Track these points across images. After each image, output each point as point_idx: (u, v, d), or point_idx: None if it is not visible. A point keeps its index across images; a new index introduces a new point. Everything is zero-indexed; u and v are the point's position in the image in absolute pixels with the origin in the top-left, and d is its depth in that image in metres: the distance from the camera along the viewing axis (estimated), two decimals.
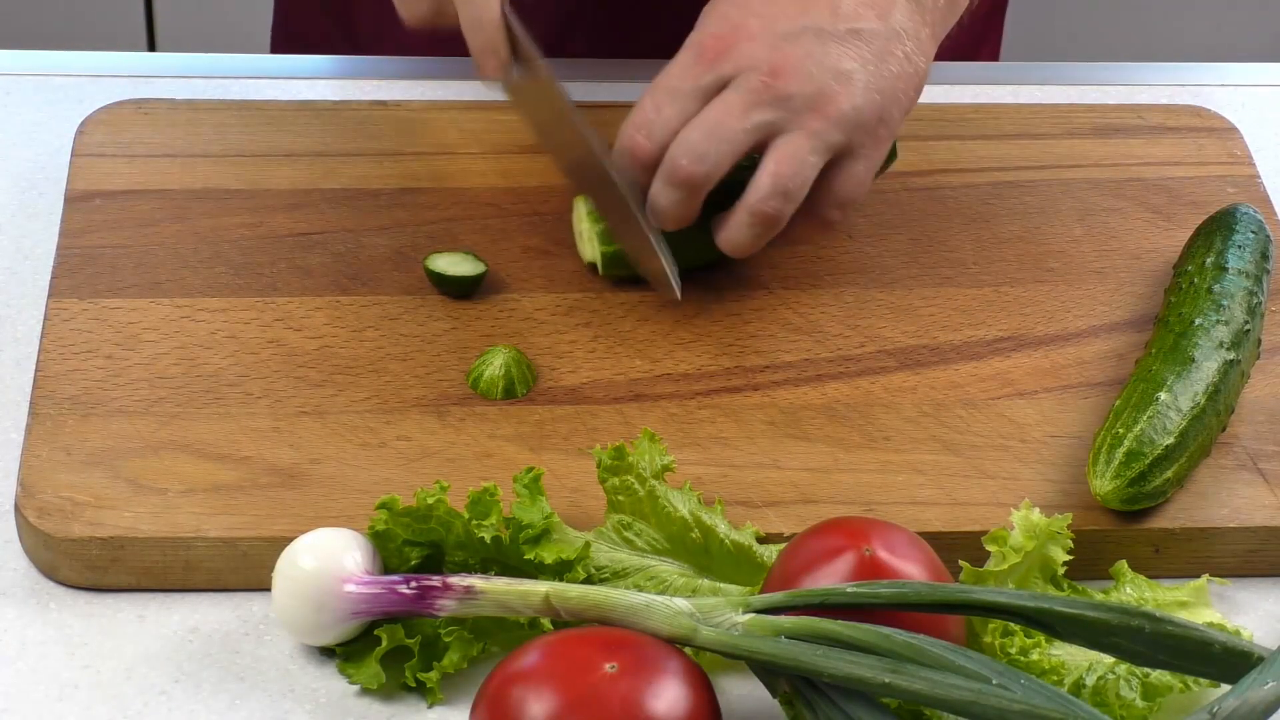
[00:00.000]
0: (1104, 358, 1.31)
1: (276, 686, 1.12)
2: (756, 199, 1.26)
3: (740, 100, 1.25)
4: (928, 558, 1.10)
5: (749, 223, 1.27)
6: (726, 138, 1.25)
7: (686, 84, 1.27)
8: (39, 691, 1.11)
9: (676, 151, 1.26)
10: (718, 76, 1.26)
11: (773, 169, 1.25)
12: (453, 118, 1.46)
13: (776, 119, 1.25)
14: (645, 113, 1.27)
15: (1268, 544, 1.21)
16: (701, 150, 1.25)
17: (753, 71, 1.25)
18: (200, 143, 1.42)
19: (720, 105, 1.26)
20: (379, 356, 1.28)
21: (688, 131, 1.26)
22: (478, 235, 1.36)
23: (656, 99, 1.27)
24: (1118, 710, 1.09)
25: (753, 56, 1.25)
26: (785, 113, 1.25)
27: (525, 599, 1.08)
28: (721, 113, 1.25)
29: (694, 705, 1.03)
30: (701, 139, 1.25)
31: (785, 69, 1.25)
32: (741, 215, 1.27)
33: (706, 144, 1.25)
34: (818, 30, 1.26)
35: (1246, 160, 1.47)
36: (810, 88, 1.25)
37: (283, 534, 1.14)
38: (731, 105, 1.25)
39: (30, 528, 1.16)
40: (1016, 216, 1.42)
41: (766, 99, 1.25)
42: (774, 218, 1.26)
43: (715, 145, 1.25)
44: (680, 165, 1.25)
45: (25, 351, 1.29)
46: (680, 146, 1.26)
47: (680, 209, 1.27)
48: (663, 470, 1.16)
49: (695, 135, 1.25)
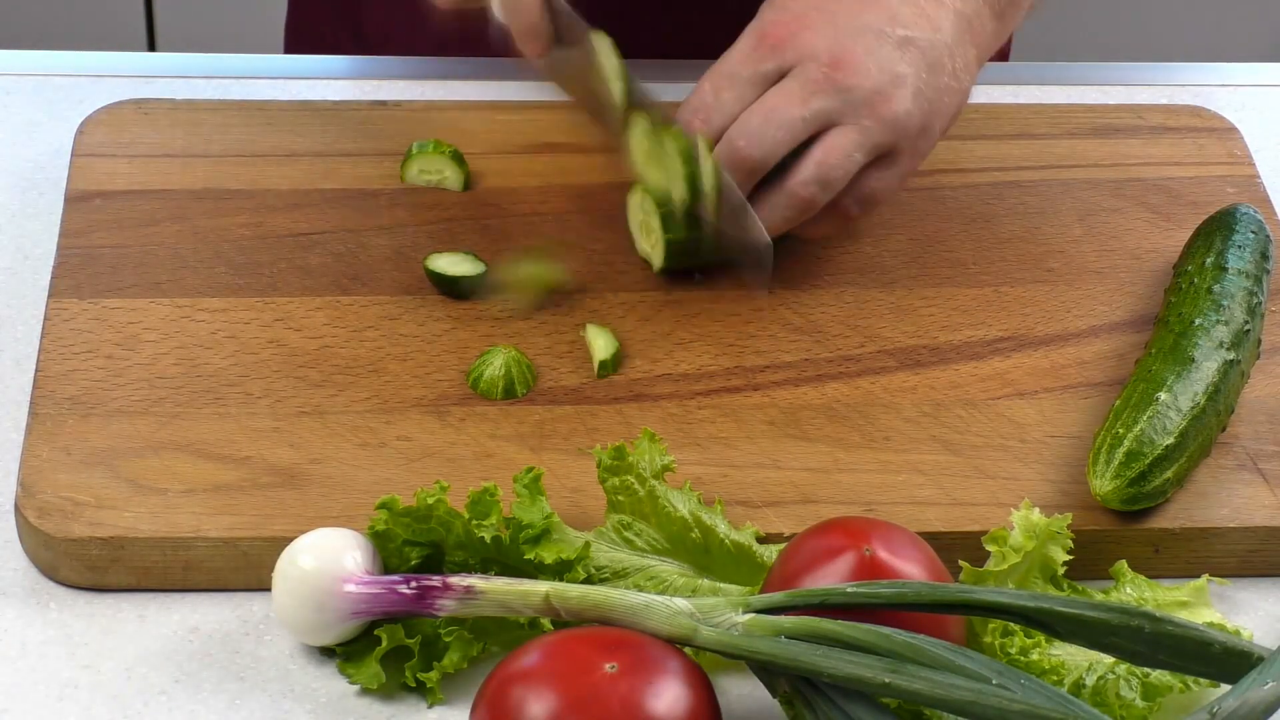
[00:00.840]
0: (1104, 358, 1.31)
1: (276, 686, 1.12)
2: (798, 182, 1.27)
3: (800, 88, 1.26)
4: (928, 558, 1.10)
5: (785, 204, 1.28)
6: (784, 124, 1.26)
7: (746, 70, 1.28)
8: (39, 691, 1.11)
9: (735, 134, 1.27)
10: (778, 64, 1.27)
11: (819, 157, 1.26)
12: (453, 118, 1.46)
13: (833, 110, 1.26)
14: (703, 96, 1.29)
15: (1268, 544, 1.21)
16: (760, 135, 1.26)
17: (813, 61, 1.26)
18: (200, 143, 1.42)
19: (780, 92, 1.27)
20: (379, 356, 1.28)
21: (747, 116, 1.27)
22: (478, 235, 1.36)
23: (715, 83, 1.28)
24: (1118, 710, 1.09)
25: (814, 46, 1.27)
26: (842, 105, 1.26)
27: (525, 599, 1.08)
28: (781, 99, 1.26)
29: (694, 705, 1.03)
30: (760, 124, 1.26)
31: (846, 62, 1.26)
32: (780, 197, 1.28)
33: (765, 129, 1.26)
34: (877, 31, 1.27)
35: (1246, 160, 1.47)
36: (868, 84, 1.26)
37: (283, 534, 1.14)
38: (791, 93, 1.26)
39: (30, 528, 1.16)
40: (1016, 216, 1.42)
41: (827, 89, 1.26)
42: (810, 203, 1.28)
43: (773, 131, 1.26)
44: (738, 148, 1.26)
45: (25, 351, 1.29)
46: (739, 130, 1.27)
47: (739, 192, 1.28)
48: (663, 470, 1.16)
49: (755, 120, 1.26)
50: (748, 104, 1.27)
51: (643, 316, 1.32)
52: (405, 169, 1.40)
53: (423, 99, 1.48)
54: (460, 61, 1.55)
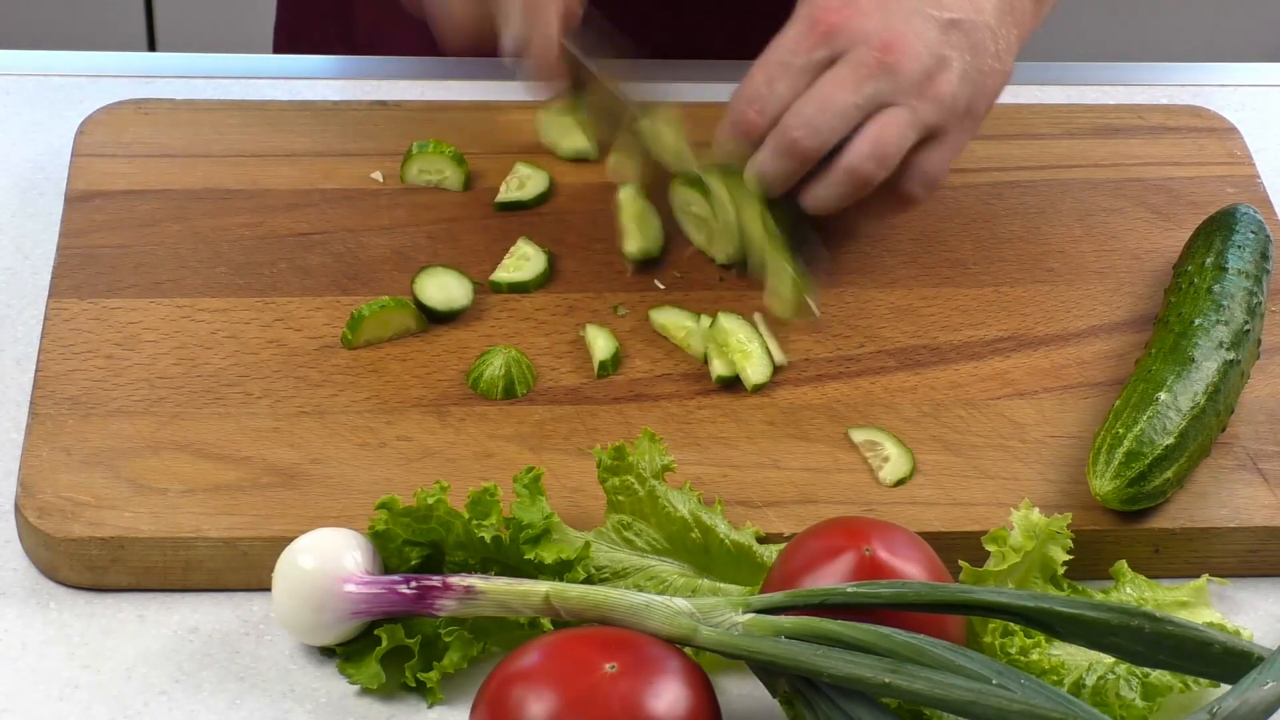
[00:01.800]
0: (1104, 358, 1.31)
1: (276, 686, 1.12)
2: (856, 159, 1.28)
3: (853, 75, 1.27)
4: (928, 558, 1.10)
5: (842, 181, 1.28)
6: (839, 111, 1.27)
7: (799, 58, 1.28)
8: (39, 691, 1.11)
9: (791, 123, 1.27)
10: (830, 51, 1.28)
11: (874, 134, 1.27)
12: (453, 118, 1.46)
13: (885, 94, 1.27)
14: (757, 86, 1.29)
15: (1268, 544, 1.21)
16: (816, 123, 1.27)
17: (864, 46, 1.27)
18: (200, 143, 1.42)
19: (833, 79, 1.27)
20: (379, 356, 1.28)
21: (802, 104, 1.27)
22: (477, 236, 1.36)
23: (769, 72, 1.29)
24: (1118, 710, 1.09)
25: (864, 31, 1.28)
26: (892, 89, 1.27)
27: (525, 599, 1.08)
28: (835, 86, 1.27)
29: (694, 705, 1.03)
30: (816, 112, 1.27)
31: (896, 46, 1.27)
32: (837, 174, 1.29)
33: (820, 117, 1.27)
34: (924, 14, 1.28)
35: (1246, 160, 1.47)
36: (918, 67, 1.27)
37: (283, 534, 1.14)
38: (844, 79, 1.27)
39: (30, 528, 1.16)
40: (1016, 216, 1.42)
41: (878, 74, 1.27)
42: (867, 180, 1.28)
43: (828, 119, 1.27)
44: (795, 137, 1.27)
45: (25, 351, 1.29)
46: (795, 118, 1.27)
47: (787, 180, 1.29)
48: (663, 470, 1.16)
49: (810, 108, 1.27)
50: (800, 92, 1.28)
51: (643, 316, 1.32)
52: (405, 169, 1.40)
53: (422, 99, 1.48)
54: (460, 62, 1.55)
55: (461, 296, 1.30)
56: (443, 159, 1.40)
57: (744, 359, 1.27)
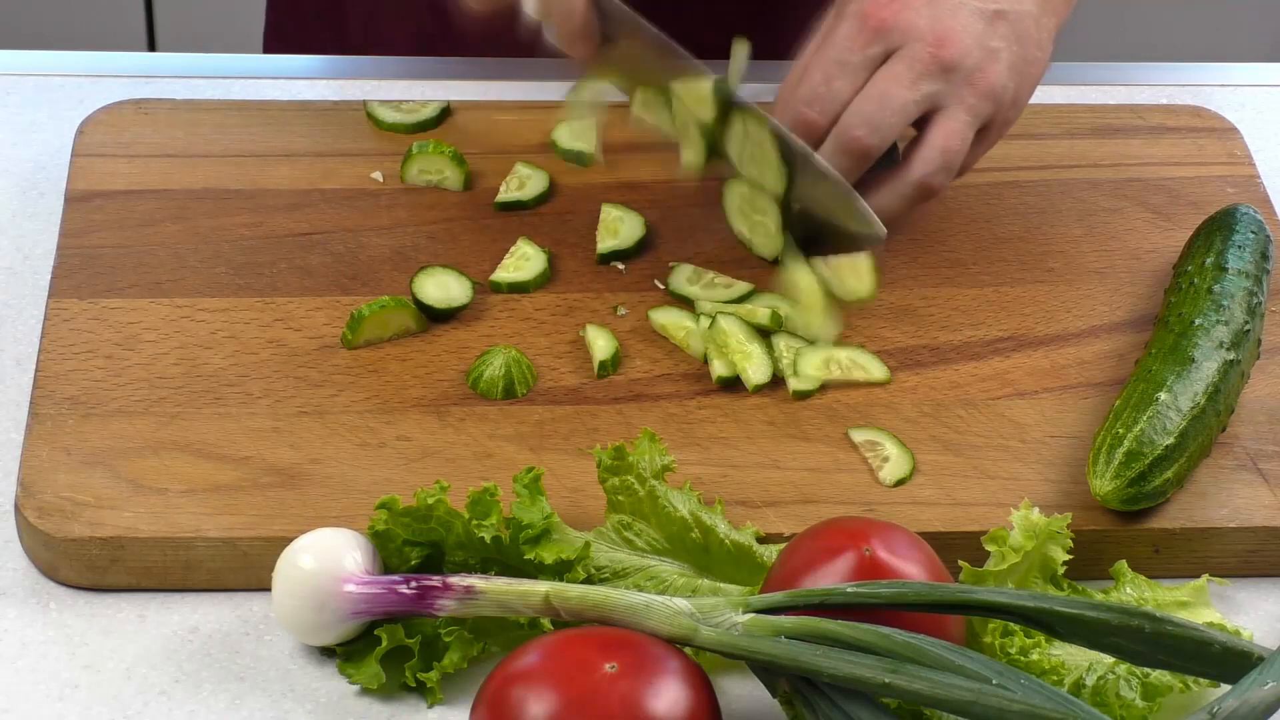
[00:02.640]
0: (1104, 358, 1.31)
1: (276, 686, 1.12)
2: (926, 172, 1.29)
3: (908, 71, 1.28)
4: (928, 558, 1.10)
5: (911, 194, 1.30)
6: (897, 109, 1.28)
7: (854, 55, 1.29)
8: (39, 691, 1.11)
9: (852, 122, 1.28)
10: (884, 47, 1.29)
11: (941, 144, 1.29)
12: (453, 118, 1.46)
13: (940, 90, 1.29)
14: (815, 86, 1.30)
15: (1268, 544, 1.21)
16: (876, 121, 1.28)
17: (918, 42, 1.28)
18: (200, 143, 1.42)
19: (889, 76, 1.28)
20: (379, 356, 1.28)
21: (861, 103, 1.29)
22: (477, 236, 1.36)
23: (826, 71, 1.30)
24: (1118, 710, 1.09)
25: (916, 26, 1.29)
26: (948, 84, 1.29)
27: (525, 599, 1.08)
28: (891, 83, 1.28)
29: (694, 705, 1.03)
30: (876, 110, 1.28)
31: (948, 40, 1.28)
32: (904, 186, 1.30)
33: (881, 115, 1.28)
34: (971, 7, 1.30)
35: (1246, 160, 1.47)
36: (969, 61, 1.29)
37: (283, 534, 1.14)
38: (900, 76, 1.28)
39: (30, 528, 1.16)
40: (1016, 216, 1.42)
41: (933, 69, 1.28)
42: (936, 191, 1.30)
43: (888, 116, 1.28)
44: (857, 136, 1.28)
45: (25, 351, 1.29)
46: (855, 117, 1.28)
47: (851, 179, 1.30)
48: (663, 470, 1.16)
49: (870, 106, 1.28)
50: (858, 89, 1.29)
51: (643, 316, 1.32)
52: (405, 169, 1.40)
53: (423, 99, 1.48)
54: (460, 61, 1.56)
55: (461, 296, 1.31)
56: (443, 159, 1.40)
57: (744, 359, 1.27)
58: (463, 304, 1.30)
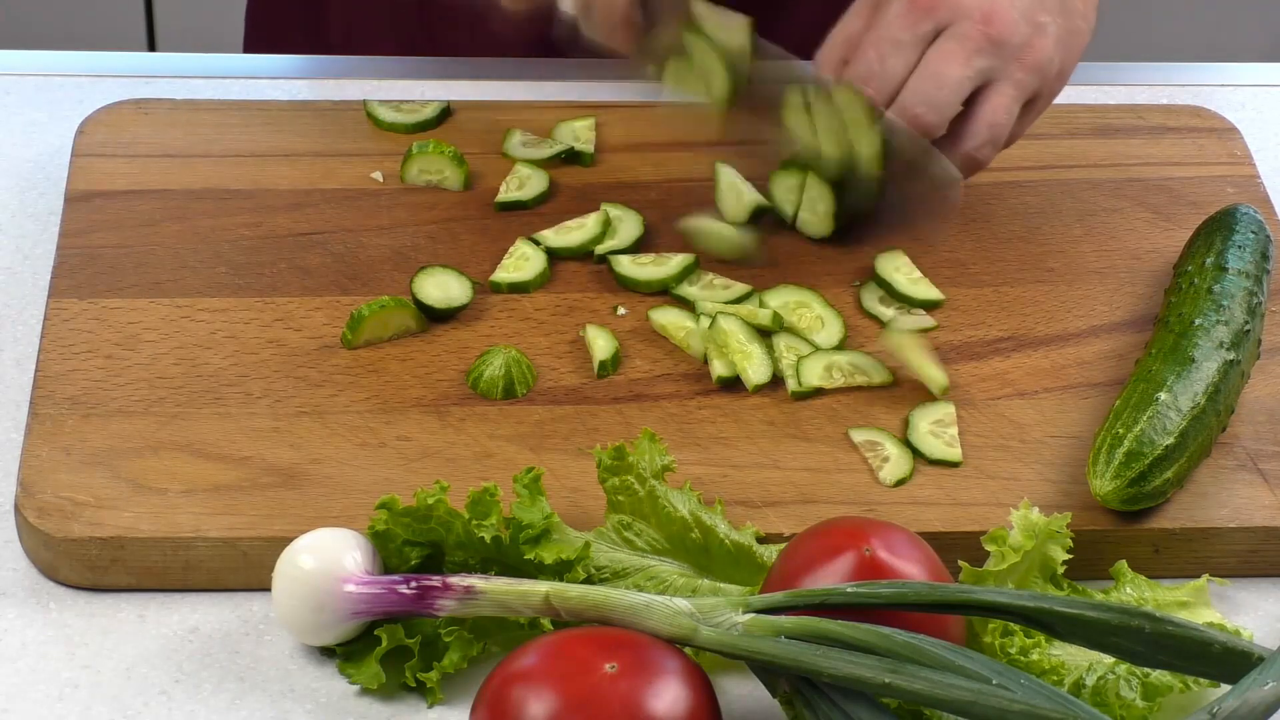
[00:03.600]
0: (1104, 358, 1.31)
1: (276, 686, 1.12)
2: (974, 145, 1.32)
3: (960, 48, 1.30)
4: (928, 558, 1.10)
5: (961, 166, 1.32)
6: (953, 86, 1.30)
7: (906, 34, 1.31)
8: (39, 691, 1.11)
9: (912, 101, 1.30)
10: (934, 24, 1.31)
11: (989, 118, 1.31)
12: (453, 118, 1.46)
13: (991, 65, 1.30)
14: (870, 64, 1.31)
15: (1268, 544, 1.21)
16: (934, 99, 1.30)
17: (967, 19, 1.30)
18: (200, 143, 1.42)
19: (941, 54, 1.30)
20: (379, 356, 1.28)
21: (918, 82, 1.30)
22: (477, 236, 1.36)
23: (880, 50, 1.31)
24: (1118, 710, 1.09)
25: (964, 4, 1.30)
26: (998, 60, 1.30)
27: (525, 599, 1.08)
28: (945, 61, 1.30)
29: (694, 705, 1.03)
30: (934, 89, 1.30)
31: (996, 16, 1.30)
32: (952, 158, 1.32)
33: (939, 94, 1.30)
34: None
35: (1246, 160, 1.47)
36: (1018, 36, 1.30)
37: (283, 534, 1.14)
38: (953, 54, 1.30)
39: (30, 528, 1.16)
40: (1016, 216, 1.42)
41: (984, 45, 1.30)
42: (983, 164, 1.32)
43: (945, 95, 1.30)
44: (918, 114, 1.30)
45: (25, 351, 1.29)
46: (914, 96, 1.30)
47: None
48: (663, 470, 1.16)
49: (928, 85, 1.30)
50: (912, 67, 1.31)
51: (642, 316, 1.32)
52: (405, 169, 1.40)
53: (422, 99, 1.48)
54: (460, 61, 1.56)
55: (461, 295, 1.31)
56: (443, 159, 1.40)
57: (744, 359, 1.27)
58: (463, 304, 1.30)
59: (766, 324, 1.29)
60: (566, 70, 1.51)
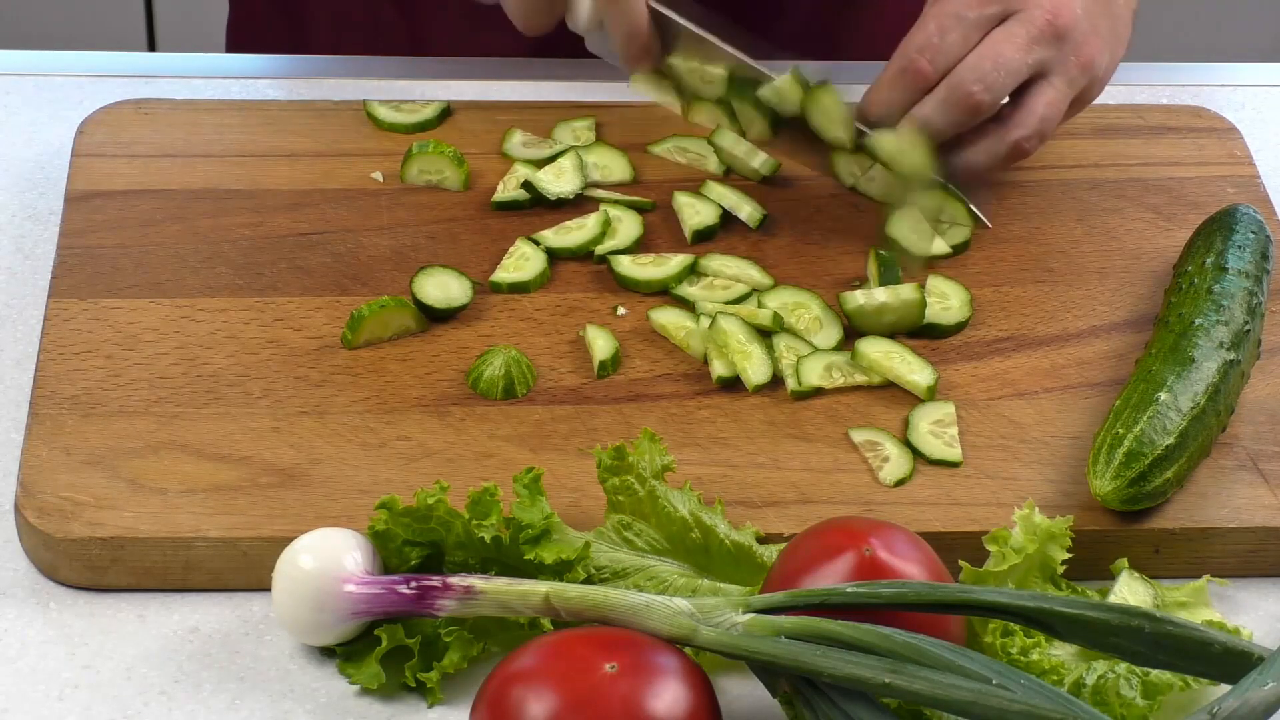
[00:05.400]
0: (1104, 358, 1.31)
1: (276, 686, 1.12)
2: (1021, 135, 1.32)
3: (1025, 34, 1.31)
4: (928, 558, 1.10)
5: (1005, 152, 1.33)
6: (1012, 70, 1.31)
7: (972, 12, 1.31)
8: (39, 691, 1.11)
9: (968, 78, 1.30)
10: (1003, 8, 1.31)
11: (1041, 111, 1.32)
12: (453, 118, 1.46)
13: (1050, 57, 1.32)
14: (929, 35, 1.32)
15: (1268, 544, 1.21)
16: (990, 79, 1.30)
17: (1036, 8, 1.31)
18: (200, 143, 1.42)
19: (1005, 36, 1.31)
20: (379, 356, 1.28)
21: (978, 60, 1.31)
22: (477, 236, 1.37)
23: (941, 24, 1.32)
24: (1118, 709, 1.09)
25: None
26: (1057, 52, 1.32)
27: (525, 599, 1.08)
28: (1007, 44, 1.30)
29: (694, 705, 1.03)
30: (992, 68, 1.30)
31: (1063, 10, 1.31)
32: (1000, 145, 1.33)
33: (996, 75, 1.30)
34: None
35: (1246, 160, 1.47)
36: (1078, 33, 1.32)
37: (283, 534, 1.14)
38: (1017, 37, 1.31)
39: (30, 528, 1.16)
40: (1016, 216, 1.42)
41: (1048, 36, 1.31)
42: (1027, 154, 1.33)
43: (1002, 76, 1.31)
44: (972, 91, 1.30)
45: (25, 351, 1.29)
46: (972, 73, 1.31)
47: (954, 130, 1.32)
48: (663, 470, 1.16)
49: (986, 64, 1.30)
50: (971, 45, 1.31)
51: (642, 316, 1.32)
52: (405, 169, 1.40)
53: (422, 99, 1.48)
54: (460, 61, 1.56)
55: (461, 296, 1.31)
56: (443, 159, 1.40)
57: (744, 359, 1.27)
58: (463, 304, 1.30)
59: (766, 324, 1.29)
60: (566, 70, 1.51)
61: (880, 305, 1.29)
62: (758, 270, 1.34)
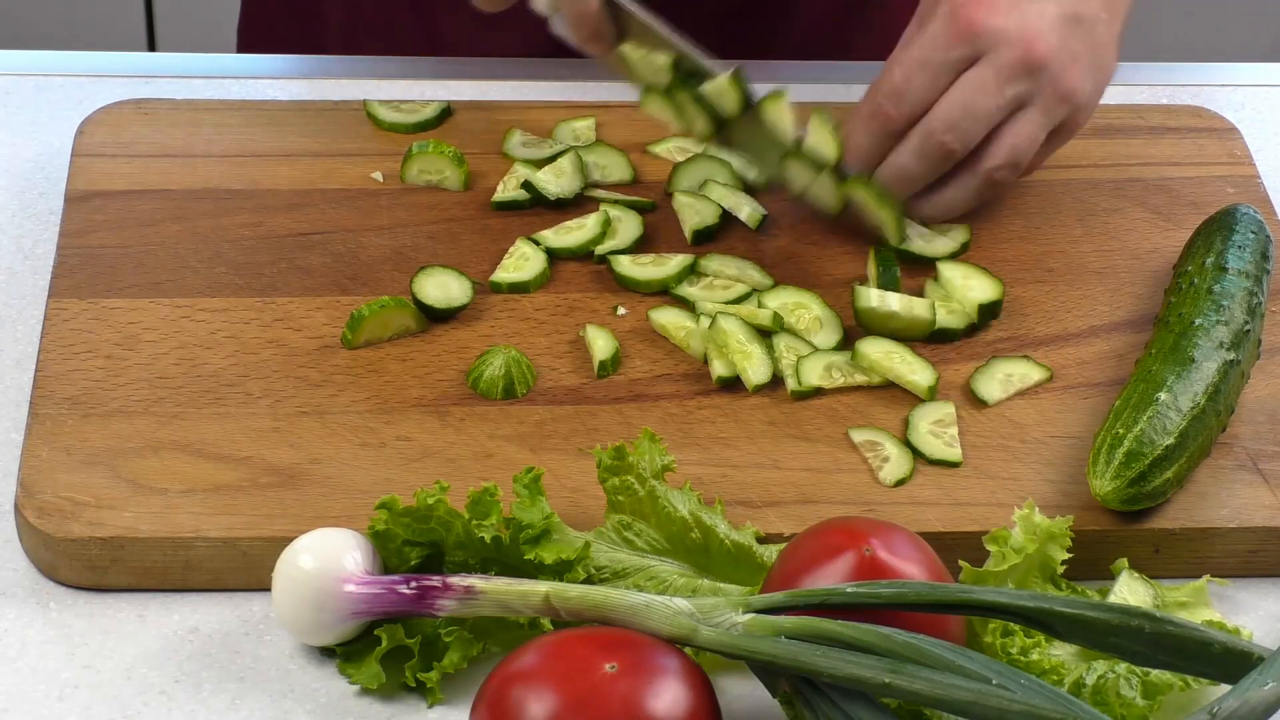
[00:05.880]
0: (1104, 358, 1.31)
1: (276, 686, 1.12)
2: (993, 166, 1.31)
3: (995, 77, 1.29)
4: (928, 558, 1.10)
5: (978, 186, 1.32)
6: (983, 116, 1.30)
7: (938, 56, 1.30)
8: (39, 691, 1.11)
9: (938, 126, 1.30)
10: (971, 50, 1.30)
11: (1011, 141, 1.31)
12: (453, 118, 1.46)
13: (1027, 90, 1.30)
14: (895, 81, 1.30)
15: (1268, 544, 1.21)
16: (962, 127, 1.29)
17: (1007, 47, 1.29)
18: (200, 143, 1.42)
19: (975, 83, 1.29)
20: (379, 356, 1.28)
21: (948, 108, 1.30)
22: (477, 236, 1.36)
23: (907, 69, 1.30)
24: (1118, 709, 1.09)
25: (1005, 31, 1.29)
26: (1035, 84, 1.30)
27: (525, 599, 1.08)
28: (978, 91, 1.29)
29: (694, 705, 1.03)
30: (962, 116, 1.29)
31: (1035, 47, 1.29)
32: (971, 179, 1.32)
33: (966, 122, 1.29)
34: (1052, 12, 1.31)
35: (1246, 160, 1.47)
36: (1055, 68, 1.30)
37: (283, 534, 1.14)
38: (986, 82, 1.29)
39: (30, 528, 1.16)
40: (1016, 216, 1.42)
41: (1021, 71, 1.29)
42: (1002, 185, 1.33)
43: (972, 123, 1.30)
44: (943, 140, 1.29)
45: (25, 351, 1.29)
46: (941, 121, 1.29)
47: (926, 179, 1.32)
48: (663, 470, 1.16)
49: (956, 112, 1.29)
50: (940, 90, 1.30)
51: (642, 316, 1.32)
52: (405, 169, 1.40)
53: (422, 99, 1.48)
54: (460, 61, 1.56)
55: (461, 296, 1.31)
56: (443, 159, 1.40)
57: (744, 359, 1.27)
58: (463, 304, 1.30)
59: (766, 324, 1.29)
60: (566, 70, 1.51)
61: (890, 313, 1.29)
62: (758, 270, 1.34)
